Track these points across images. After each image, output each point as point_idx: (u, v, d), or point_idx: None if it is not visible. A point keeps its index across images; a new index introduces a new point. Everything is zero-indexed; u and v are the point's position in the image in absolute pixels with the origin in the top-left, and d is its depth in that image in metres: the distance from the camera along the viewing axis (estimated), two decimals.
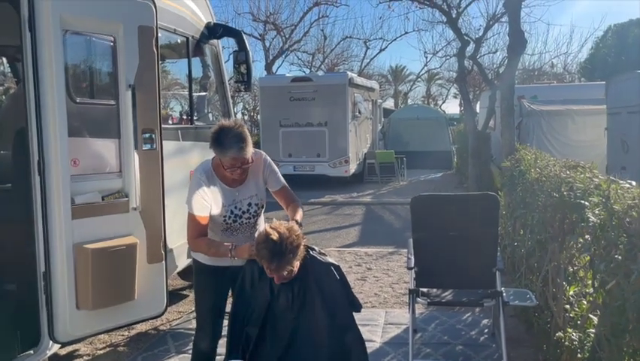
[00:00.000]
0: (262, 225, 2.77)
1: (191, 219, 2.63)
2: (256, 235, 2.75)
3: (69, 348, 3.87)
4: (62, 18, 3.09)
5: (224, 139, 2.52)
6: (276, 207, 2.98)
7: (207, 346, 2.82)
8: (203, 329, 2.83)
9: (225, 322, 2.74)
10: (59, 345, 3.40)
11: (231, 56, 5.18)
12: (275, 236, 2.28)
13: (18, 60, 3.12)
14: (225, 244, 2.60)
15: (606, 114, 9.44)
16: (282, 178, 2.85)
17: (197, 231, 2.64)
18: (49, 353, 3.31)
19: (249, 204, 2.72)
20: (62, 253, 3.16)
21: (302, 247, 2.37)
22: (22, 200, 3.22)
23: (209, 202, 2.62)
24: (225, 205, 2.65)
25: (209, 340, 2.81)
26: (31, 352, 3.21)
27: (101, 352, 3.94)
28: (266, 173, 2.80)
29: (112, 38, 3.37)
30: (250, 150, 2.57)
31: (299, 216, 2.68)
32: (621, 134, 8.63)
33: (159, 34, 3.58)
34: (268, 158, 2.82)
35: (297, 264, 2.38)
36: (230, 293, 2.83)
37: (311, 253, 2.54)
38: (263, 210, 2.82)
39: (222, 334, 2.83)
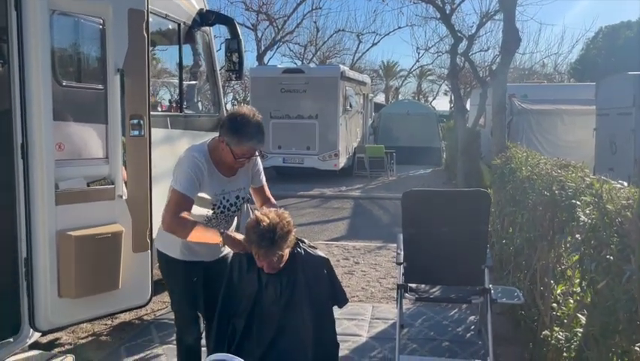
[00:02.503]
0: (234, 223, 2.75)
1: (178, 197, 2.41)
2: (233, 226, 2.74)
3: (50, 336, 3.81)
4: None
5: (246, 128, 2.41)
6: None
7: (193, 340, 2.75)
8: (186, 325, 2.75)
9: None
10: (40, 333, 3.34)
11: (223, 45, 5.10)
12: (265, 221, 2.26)
13: (3, 41, 3.02)
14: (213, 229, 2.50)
15: (595, 115, 9.50)
16: (264, 177, 2.82)
17: (181, 210, 2.40)
18: (30, 341, 3.24)
19: (237, 197, 2.66)
20: (45, 240, 3.09)
21: (292, 234, 2.34)
22: (5, 184, 3.14)
23: (203, 186, 2.49)
24: (217, 193, 2.56)
25: (194, 334, 2.75)
26: (11, 340, 3.14)
27: (83, 341, 3.88)
28: (254, 169, 2.75)
29: (101, 21, 3.28)
30: None
31: None
32: (610, 136, 8.69)
33: (150, 19, 3.49)
34: None
35: (286, 251, 2.36)
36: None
37: (301, 245, 2.50)
38: (242, 208, 2.77)
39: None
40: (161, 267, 2.80)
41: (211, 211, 2.59)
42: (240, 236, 2.43)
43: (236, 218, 2.78)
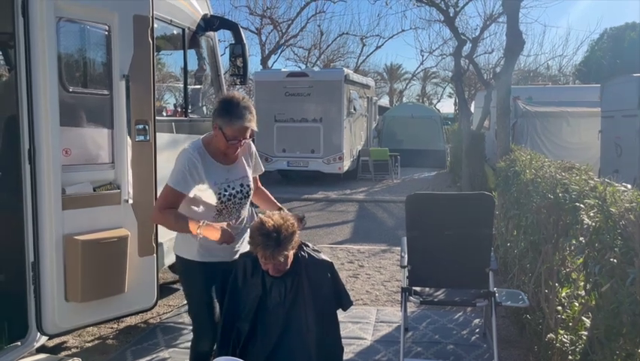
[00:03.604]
0: (246, 213, 2.76)
1: (168, 191, 2.51)
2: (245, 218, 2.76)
3: (57, 340, 3.83)
4: (56, 5, 3.05)
5: (235, 109, 2.48)
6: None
7: (209, 347, 2.68)
8: (204, 330, 2.68)
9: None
10: (47, 337, 3.36)
11: (227, 50, 5.13)
12: (270, 223, 2.30)
13: (10, 47, 3.06)
14: (194, 220, 2.50)
15: (600, 117, 9.48)
16: (262, 165, 2.91)
17: (168, 205, 2.50)
18: (37, 344, 3.28)
19: (242, 185, 2.67)
20: (52, 244, 3.12)
21: (297, 235, 2.36)
22: (12, 189, 3.17)
23: (201, 178, 2.52)
24: (218, 183, 2.57)
25: (210, 340, 2.67)
26: (19, 343, 3.17)
27: (90, 345, 3.90)
28: (253, 157, 2.81)
29: (106, 27, 3.32)
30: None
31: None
32: (615, 138, 8.67)
33: (155, 25, 3.53)
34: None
35: (291, 253, 2.38)
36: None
37: (305, 249, 2.52)
38: (250, 196, 2.75)
39: None
40: (179, 272, 2.80)
41: (217, 200, 2.58)
42: (218, 225, 2.46)
43: (244, 213, 2.77)
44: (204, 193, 2.57)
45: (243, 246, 2.74)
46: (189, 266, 2.67)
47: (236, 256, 2.69)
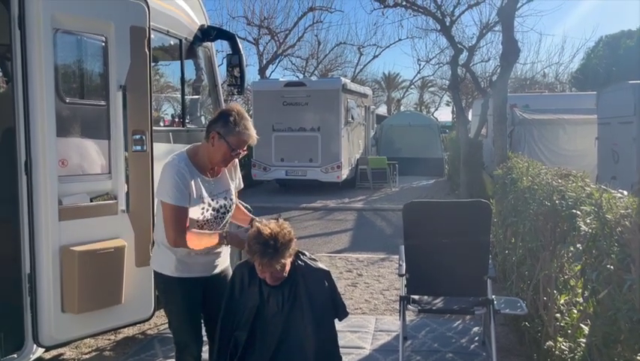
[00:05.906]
0: (227, 227, 2.73)
1: (173, 210, 2.42)
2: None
3: (54, 352, 3.80)
4: (53, 16, 3.06)
5: (244, 121, 2.48)
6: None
7: (193, 360, 2.65)
8: (185, 345, 2.65)
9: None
10: (44, 349, 3.34)
11: (225, 60, 5.15)
12: (267, 231, 2.30)
13: (7, 59, 3.07)
14: (216, 232, 2.56)
15: (597, 124, 9.51)
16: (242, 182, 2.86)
17: (181, 223, 2.42)
18: (33, 357, 3.26)
19: (225, 198, 2.65)
20: (48, 255, 3.11)
21: (294, 242, 2.36)
22: (9, 200, 3.17)
23: (191, 192, 2.48)
24: (203, 196, 2.54)
25: (192, 354, 2.64)
26: (15, 356, 3.15)
27: (87, 356, 3.88)
28: (237, 171, 2.78)
29: (103, 38, 3.33)
30: None
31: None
32: (612, 145, 8.70)
33: (152, 35, 3.54)
34: None
35: (289, 261, 2.37)
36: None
37: (302, 257, 2.52)
38: (232, 210, 2.71)
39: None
40: (158, 288, 2.74)
41: (200, 215, 2.54)
42: (241, 235, 2.53)
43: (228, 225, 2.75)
44: (192, 202, 2.51)
45: (222, 261, 2.72)
46: (168, 282, 2.61)
47: (215, 270, 2.67)
